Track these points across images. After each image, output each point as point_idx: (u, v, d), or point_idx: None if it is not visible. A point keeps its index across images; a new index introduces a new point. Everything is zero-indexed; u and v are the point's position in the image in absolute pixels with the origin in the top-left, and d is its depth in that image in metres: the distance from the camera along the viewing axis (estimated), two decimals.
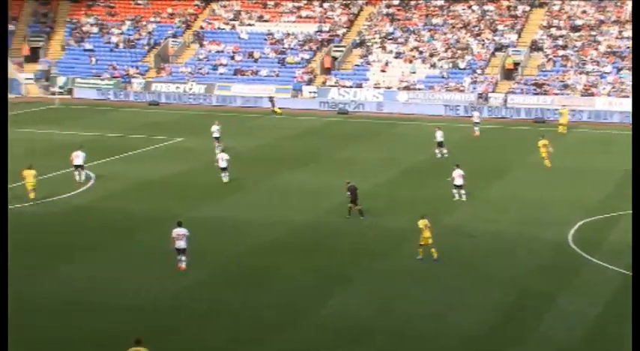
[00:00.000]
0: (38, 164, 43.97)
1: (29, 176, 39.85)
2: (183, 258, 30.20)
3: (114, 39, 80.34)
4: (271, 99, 68.91)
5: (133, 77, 75.80)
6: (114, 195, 41.13)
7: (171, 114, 67.44)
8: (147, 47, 79.29)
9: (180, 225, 30.46)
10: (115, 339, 24.67)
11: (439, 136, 49.81)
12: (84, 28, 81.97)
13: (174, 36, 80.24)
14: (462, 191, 39.46)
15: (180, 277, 29.66)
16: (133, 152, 51.66)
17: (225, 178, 42.87)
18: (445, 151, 49.61)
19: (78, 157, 43.35)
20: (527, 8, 76.03)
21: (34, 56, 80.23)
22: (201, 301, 27.68)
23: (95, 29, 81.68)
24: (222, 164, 42.81)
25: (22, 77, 77.49)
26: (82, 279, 29.62)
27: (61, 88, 74.38)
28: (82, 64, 78.43)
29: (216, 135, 51.11)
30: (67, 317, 26.30)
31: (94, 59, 78.29)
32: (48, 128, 59.72)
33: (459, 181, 39.35)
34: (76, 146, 44.97)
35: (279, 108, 67.48)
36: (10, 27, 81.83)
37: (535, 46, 72.24)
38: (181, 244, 30.10)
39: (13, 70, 77.67)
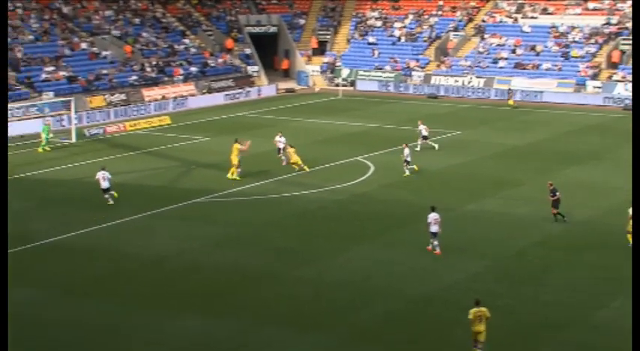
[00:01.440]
0: (323, 153, 46.31)
1: (292, 153, 43.41)
2: (436, 243, 31.18)
3: (396, 33, 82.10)
4: (509, 90, 67.96)
5: (414, 70, 77.11)
6: (393, 184, 42.24)
7: (449, 107, 67.91)
8: (428, 40, 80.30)
9: (433, 210, 31.41)
10: (386, 327, 25.60)
11: None
12: (368, 22, 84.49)
13: (456, 29, 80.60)
14: None
15: (454, 269, 30.04)
16: (410, 144, 52.62)
17: (407, 171, 43.48)
18: None
19: (280, 142, 45.97)
20: None
21: (321, 49, 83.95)
22: (475, 294, 27.87)
23: (379, 23, 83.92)
24: (408, 158, 43.44)
25: (310, 69, 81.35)
26: (356, 266, 30.86)
27: (344, 80, 77.28)
28: (364, 57, 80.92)
29: (424, 133, 50.07)
30: (346, 300, 27.62)
31: (376, 52, 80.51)
32: (331, 118, 62.31)
33: None
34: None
35: (514, 101, 66.52)
36: (300, 21, 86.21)
37: None
38: (435, 228, 31.18)
39: (302, 63, 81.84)
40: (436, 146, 49.75)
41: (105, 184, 37.71)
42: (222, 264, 30.80)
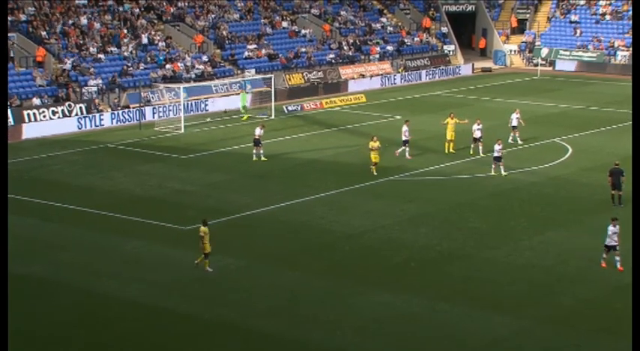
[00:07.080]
0: (519, 134, 45.43)
1: (450, 125, 43.26)
2: (617, 258, 27.70)
3: (601, 10, 79.01)
4: None
5: (618, 50, 74.04)
6: (591, 168, 40.89)
7: None
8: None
9: (614, 221, 27.92)
10: (578, 313, 25.02)
11: None
12: (571, 0, 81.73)
13: None
14: None
15: None
16: (610, 126, 50.83)
17: (502, 170, 39.54)
18: None
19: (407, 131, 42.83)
20: None
21: (520, 28, 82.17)
22: None
23: (582, 1, 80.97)
24: (498, 154, 39.28)
25: (507, 49, 79.83)
26: (550, 250, 30.23)
27: (543, 59, 75.30)
28: (565, 36, 78.45)
29: (514, 124, 45.91)
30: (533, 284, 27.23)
31: (578, 31, 77.85)
32: (529, 99, 60.95)
33: None
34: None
35: None
36: (499, 0, 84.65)
37: None
38: (611, 242, 27.73)
39: (499, 42, 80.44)
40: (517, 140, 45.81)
41: (258, 133, 42.51)
42: (413, 242, 31.03)
